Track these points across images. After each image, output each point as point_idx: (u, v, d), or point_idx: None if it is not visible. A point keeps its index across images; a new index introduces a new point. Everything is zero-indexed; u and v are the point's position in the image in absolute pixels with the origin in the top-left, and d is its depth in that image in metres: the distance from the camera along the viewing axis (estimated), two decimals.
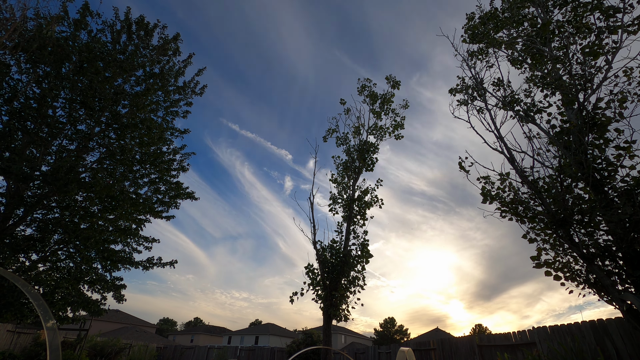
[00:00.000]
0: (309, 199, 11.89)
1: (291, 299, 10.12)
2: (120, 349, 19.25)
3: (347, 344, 41.52)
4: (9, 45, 6.16)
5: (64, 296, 7.74)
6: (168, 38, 9.48)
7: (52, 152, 8.02)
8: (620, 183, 4.62)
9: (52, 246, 7.89)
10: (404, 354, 5.82)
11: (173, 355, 26.61)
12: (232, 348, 24.28)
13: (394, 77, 13.31)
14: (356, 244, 11.02)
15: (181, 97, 10.29)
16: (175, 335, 52.68)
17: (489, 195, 5.72)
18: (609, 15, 5.18)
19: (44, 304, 3.03)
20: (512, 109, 6.34)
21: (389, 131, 13.17)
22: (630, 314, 4.21)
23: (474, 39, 7.64)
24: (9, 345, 13.83)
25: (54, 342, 2.90)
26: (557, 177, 5.04)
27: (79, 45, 7.82)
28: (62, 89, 7.67)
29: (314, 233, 11.20)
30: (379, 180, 12.42)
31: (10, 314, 6.89)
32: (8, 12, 5.37)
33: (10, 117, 7.14)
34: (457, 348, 9.80)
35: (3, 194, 7.41)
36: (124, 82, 8.80)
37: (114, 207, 8.04)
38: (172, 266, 9.28)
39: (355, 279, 10.41)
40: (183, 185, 9.93)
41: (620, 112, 4.79)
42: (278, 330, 44.30)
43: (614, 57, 5.05)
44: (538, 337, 7.35)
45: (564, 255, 5.11)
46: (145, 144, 8.54)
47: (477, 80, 7.27)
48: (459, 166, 6.16)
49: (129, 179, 8.89)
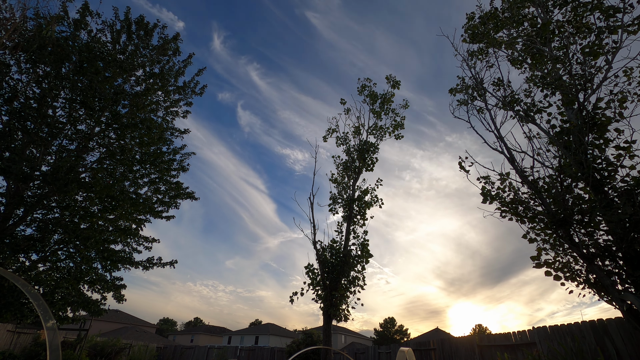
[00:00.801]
0: (309, 199, 11.90)
1: (291, 299, 10.13)
2: (120, 349, 19.25)
3: (347, 344, 41.53)
4: (9, 45, 6.16)
5: (64, 296, 7.74)
6: (168, 38, 9.48)
7: (52, 152, 8.02)
8: (620, 183, 4.62)
9: (52, 246, 7.88)
10: (404, 354, 5.82)
11: (173, 355, 26.62)
12: (232, 348, 24.28)
13: (394, 77, 13.32)
14: (356, 244, 11.03)
15: (181, 97, 10.30)
16: (175, 335, 52.69)
17: (489, 195, 5.72)
18: (609, 15, 5.18)
19: (44, 304, 3.03)
20: (512, 109, 6.34)
21: (389, 131, 13.19)
22: (630, 314, 4.21)
23: (474, 39, 7.64)
24: (9, 345, 13.83)
25: (54, 342, 2.90)
26: (557, 177, 5.04)
27: (78, 45, 7.82)
28: (62, 89, 7.67)
29: (314, 233, 11.20)
30: (379, 180, 12.43)
31: (10, 314, 6.89)
32: (8, 12, 5.37)
33: (10, 117, 7.14)
34: (457, 348, 9.80)
35: (3, 194, 7.41)
36: (124, 82, 8.80)
37: (114, 207, 8.04)
38: (172, 266, 9.29)
39: (355, 279, 10.41)
40: (183, 185, 9.94)
41: (620, 112, 4.79)
42: (278, 330, 44.31)
43: (614, 57, 5.05)
44: (538, 337, 7.35)
45: (564, 255, 5.11)
46: (145, 144, 8.54)
47: (477, 80, 7.27)
48: (459, 166, 6.17)
49: (129, 179, 8.90)
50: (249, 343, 41.30)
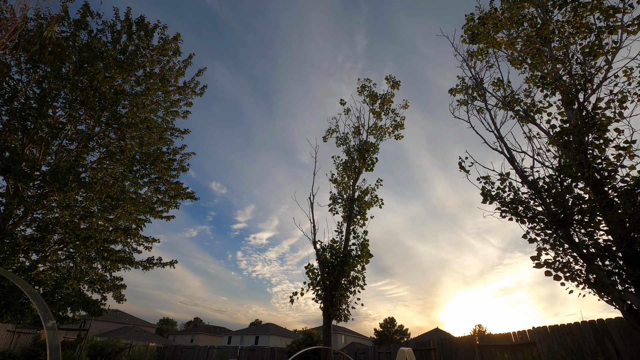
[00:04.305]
0: (309, 198, 11.88)
1: (291, 299, 10.13)
2: (120, 349, 19.25)
3: (347, 344, 41.52)
4: (9, 46, 6.16)
5: (64, 296, 7.74)
6: (168, 38, 9.48)
7: (52, 152, 8.02)
8: (620, 183, 4.62)
9: (52, 246, 7.89)
10: (404, 354, 5.83)
11: (173, 355, 26.61)
12: (232, 348, 24.28)
13: (393, 77, 13.32)
14: (356, 244, 11.02)
15: (181, 97, 10.30)
16: (175, 335, 52.66)
17: (489, 195, 5.72)
18: (609, 15, 5.18)
19: (44, 304, 3.03)
20: (512, 109, 6.34)
21: (389, 131, 13.19)
22: (630, 314, 4.21)
23: (473, 39, 7.64)
24: (9, 345, 13.83)
25: (54, 342, 2.90)
26: (557, 177, 5.04)
27: (79, 45, 7.82)
28: (62, 89, 7.67)
29: (314, 233, 11.19)
30: (379, 180, 12.43)
31: (10, 314, 6.89)
32: (8, 12, 5.38)
33: (10, 117, 7.14)
34: (457, 348, 9.80)
35: (3, 194, 7.41)
36: (124, 82, 8.80)
37: (114, 207, 8.05)
38: (172, 266, 9.29)
39: (355, 279, 10.41)
40: (183, 185, 9.95)
41: (620, 112, 4.79)
42: (278, 330, 44.30)
43: (614, 57, 5.05)
44: (538, 337, 7.35)
45: (564, 255, 5.11)
46: (145, 144, 8.55)
47: (477, 80, 7.27)
48: (459, 166, 6.17)
49: (129, 179, 8.90)
50: (249, 343, 41.29)
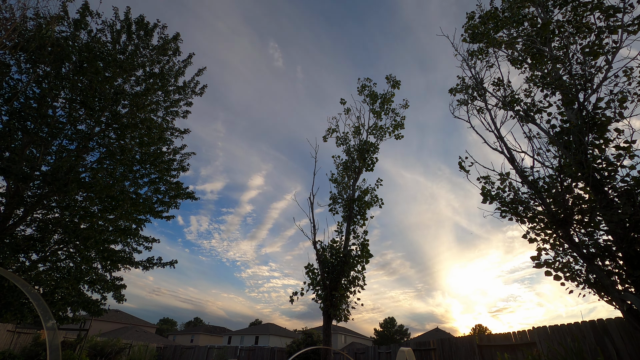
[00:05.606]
0: (309, 198, 11.88)
1: (291, 299, 10.13)
2: (120, 349, 19.26)
3: (347, 344, 41.52)
4: (9, 45, 6.16)
5: (64, 296, 7.74)
6: (168, 38, 9.47)
7: (52, 152, 8.02)
8: (620, 183, 4.62)
9: (52, 246, 7.89)
10: (404, 354, 5.83)
11: (173, 355, 26.62)
12: (232, 348, 24.29)
13: (394, 77, 13.32)
14: (356, 244, 11.02)
15: (181, 97, 10.29)
16: (175, 335, 52.67)
17: (489, 195, 5.72)
18: (609, 15, 5.18)
19: (44, 304, 3.03)
20: (512, 109, 6.34)
21: (389, 131, 13.18)
22: (630, 314, 4.21)
23: (474, 38, 7.63)
24: (9, 345, 13.84)
25: (54, 342, 2.90)
26: (557, 177, 5.04)
27: (78, 45, 7.82)
28: (62, 89, 7.67)
29: (314, 233, 11.19)
30: (379, 180, 12.43)
31: (10, 314, 6.90)
32: (8, 12, 5.37)
33: (10, 117, 7.14)
34: (457, 348, 9.80)
35: (3, 194, 7.41)
36: (124, 82, 8.80)
37: (114, 207, 8.04)
38: (172, 266, 9.29)
39: (355, 279, 10.41)
40: (183, 185, 9.94)
41: (620, 112, 4.79)
42: (278, 330, 44.30)
43: (614, 57, 5.05)
44: (538, 337, 7.35)
45: (564, 255, 5.11)
46: (145, 144, 8.54)
47: (477, 80, 7.27)
48: (459, 166, 6.16)
49: (129, 179, 8.90)
50: (249, 343, 41.30)
